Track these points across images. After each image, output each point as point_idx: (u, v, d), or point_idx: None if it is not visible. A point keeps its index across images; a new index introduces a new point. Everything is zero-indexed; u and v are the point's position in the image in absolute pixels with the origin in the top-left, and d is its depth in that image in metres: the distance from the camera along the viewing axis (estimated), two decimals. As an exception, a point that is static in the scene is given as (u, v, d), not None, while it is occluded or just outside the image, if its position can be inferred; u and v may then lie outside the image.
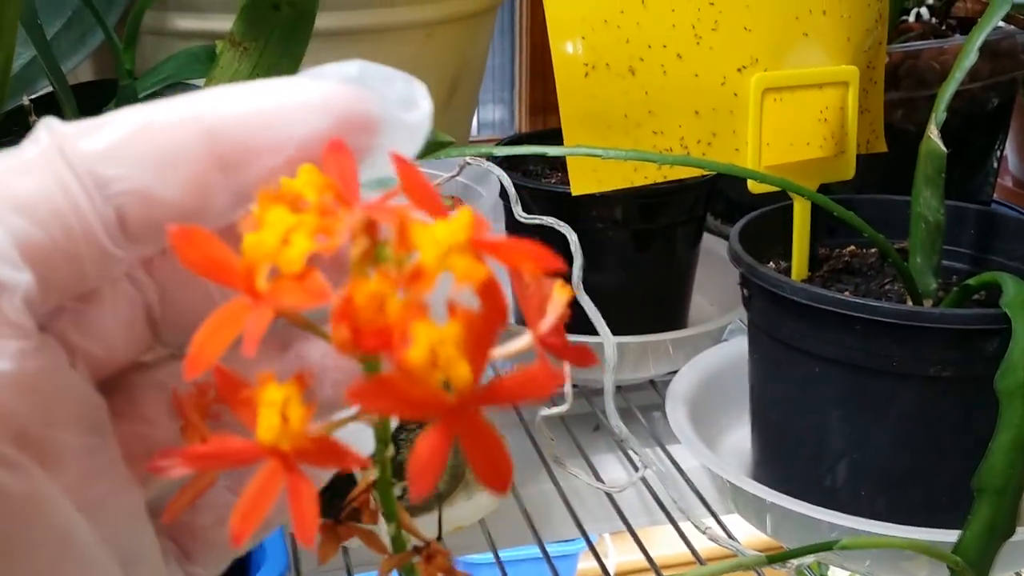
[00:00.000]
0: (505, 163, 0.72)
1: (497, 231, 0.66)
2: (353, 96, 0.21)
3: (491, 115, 1.00)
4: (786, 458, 0.54)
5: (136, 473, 0.21)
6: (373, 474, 0.22)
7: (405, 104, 0.22)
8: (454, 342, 0.17)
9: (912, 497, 0.51)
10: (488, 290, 0.18)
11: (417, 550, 0.24)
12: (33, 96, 0.53)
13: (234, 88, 0.21)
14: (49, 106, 0.50)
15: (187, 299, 0.22)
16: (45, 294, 0.19)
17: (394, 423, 0.22)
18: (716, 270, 0.73)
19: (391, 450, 0.22)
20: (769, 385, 0.54)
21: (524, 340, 0.20)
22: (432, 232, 0.18)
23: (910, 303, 0.53)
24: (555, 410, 0.51)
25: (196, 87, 0.54)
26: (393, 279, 0.18)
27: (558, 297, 0.20)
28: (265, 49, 0.36)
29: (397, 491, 0.23)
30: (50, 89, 0.56)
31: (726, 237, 0.79)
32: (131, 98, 0.42)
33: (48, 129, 0.19)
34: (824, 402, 0.51)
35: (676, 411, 0.57)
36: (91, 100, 0.53)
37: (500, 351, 0.19)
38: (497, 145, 0.72)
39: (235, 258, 0.19)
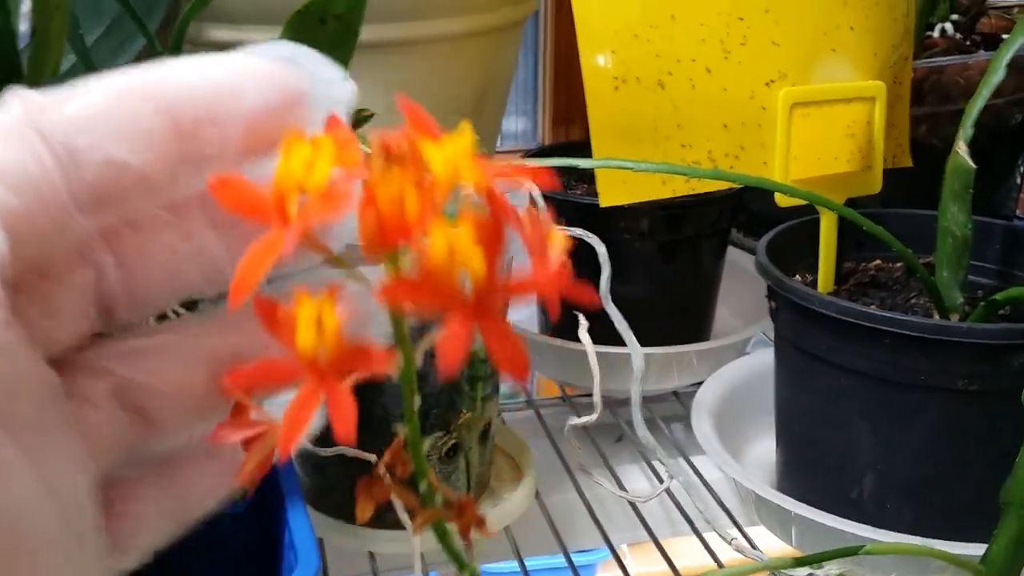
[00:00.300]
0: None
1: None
2: (292, 73, 0.22)
3: (514, 126, 1.01)
4: (811, 470, 0.54)
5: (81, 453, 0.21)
6: (404, 432, 0.24)
7: (332, 83, 0.24)
8: (468, 238, 0.19)
9: (938, 510, 0.51)
10: (493, 198, 0.20)
11: (448, 505, 0.25)
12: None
13: (189, 61, 0.22)
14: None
15: (148, 272, 0.22)
16: (15, 264, 0.19)
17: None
18: (740, 282, 0.73)
19: (418, 400, 0.23)
20: (795, 397, 0.54)
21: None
22: (440, 148, 0.20)
23: (937, 317, 0.53)
24: (583, 420, 0.51)
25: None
26: (411, 184, 0.20)
27: (556, 238, 0.22)
28: (310, 62, 0.37)
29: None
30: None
31: (749, 250, 0.80)
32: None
33: (19, 98, 0.20)
34: (850, 414, 0.51)
35: (702, 422, 0.57)
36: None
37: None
38: (526, 156, 0.73)
39: (267, 198, 0.21)
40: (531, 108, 0.98)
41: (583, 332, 0.50)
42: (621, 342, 0.57)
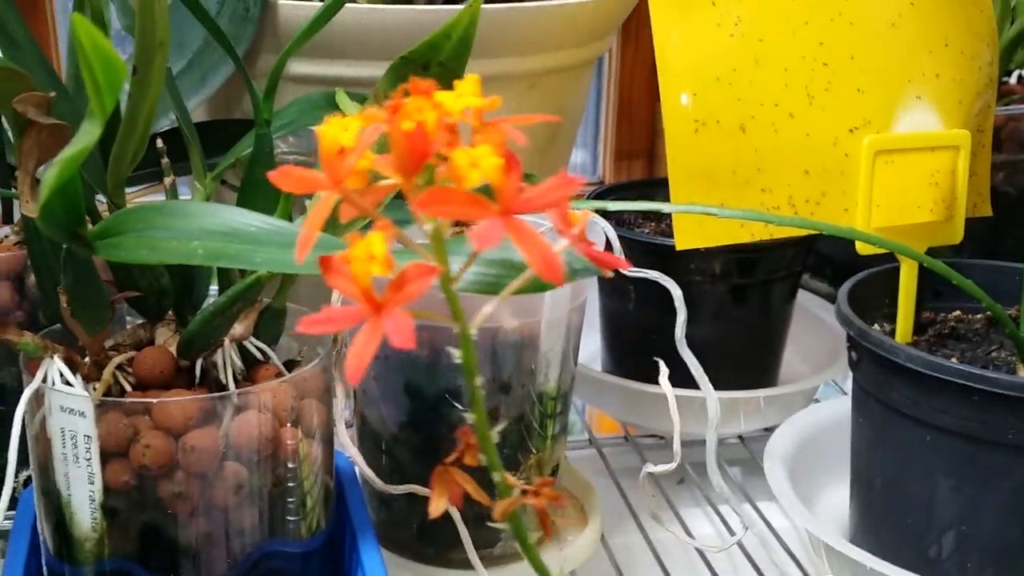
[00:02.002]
0: (596, 211, 0.72)
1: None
2: None
3: (574, 159, 1.01)
4: (889, 525, 0.53)
5: None
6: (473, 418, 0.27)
7: None
8: (487, 152, 0.23)
9: (1021, 572, 0.49)
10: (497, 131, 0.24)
11: (524, 492, 0.27)
12: (156, 133, 0.55)
13: None
14: (174, 143, 0.51)
15: None
16: None
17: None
18: (808, 326, 0.72)
19: (480, 379, 0.27)
20: (875, 450, 0.53)
21: (562, 242, 0.26)
22: (450, 93, 0.24)
23: (1022, 371, 0.52)
24: (661, 468, 0.50)
25: (315, 133, 0.55)
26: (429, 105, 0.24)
27: (582, 217, 0.26)
28: (410, 106, 0.37)
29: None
30: (169, 127, 0.58)
31: (816, 292, 0.79)
32: (268, 147, 0.43)
33: None
34: (934, 471, 0.50)
35: (775, 470, 0.56)
36: (214, 140, 0.54)
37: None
38: (591, 196, 0.73)
39: (318, 174, 0.25)
40: (591, 141, 0.98)
41: (664, 379, 0.50)
42: (688, 383, 0.57)
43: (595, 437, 0.72)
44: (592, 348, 0.75)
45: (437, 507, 0.29)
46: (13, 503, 0.52)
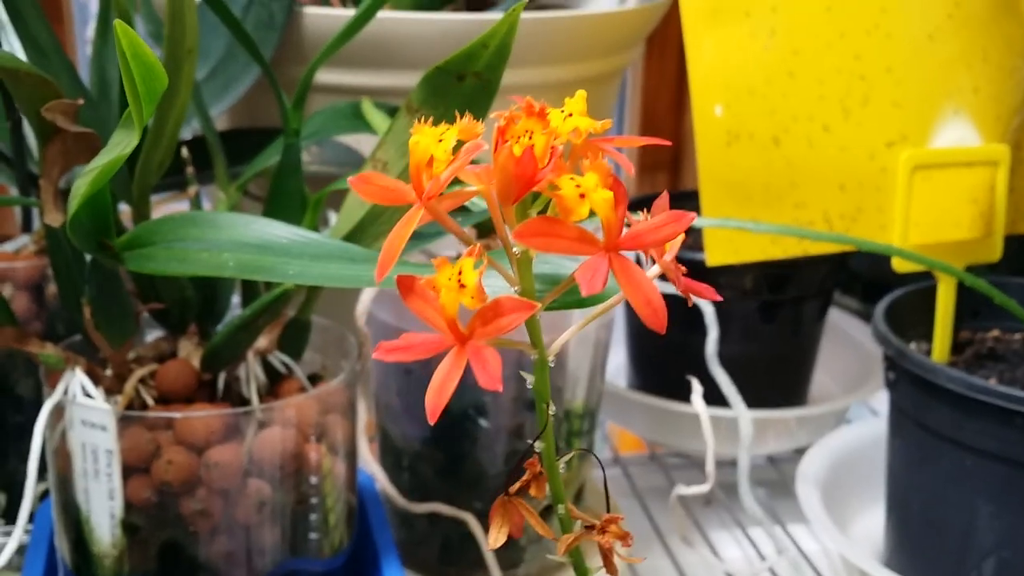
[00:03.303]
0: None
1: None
2: None
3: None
4: (926, 549, 0.52)
5: None
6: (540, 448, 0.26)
7: None
8: (596, 182, 0.21)
9: (1065, 602, 0.48)
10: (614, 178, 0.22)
11: (589, 528, 0.26)
12: (181, 142, 0.54)
13: None
14: (197, 152, 0.50)
15: None
16: None
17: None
18: (839, 344, 0.71)
19: (553, 408, 0.26)
20: (912, 474, 0.52)
21: (655, 269, 0.25)
22: (557, 111, 0.23)
23: (1064, 395, 0.51)
24: (693, 489, 0.49)
25: (340, 143, 0.54)
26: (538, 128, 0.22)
27: (677, 240, 0.25)
28: (443, 119, 0.36)
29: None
30: (191, 136, 0.57)
31: (848, 309, 0.77)
32: (296, 158, 0.42)
33: None
34: (974, 496, 0.49)
35: (808, 493, 0.55)
36: (237, 148, 0.54)
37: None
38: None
39: (402, 185, 0.24)
40: (614, 154, 0.97)
41: (697, 398, 0.48)
42: (716, 401, 0.56)
43: (620, 456, 0.70)
44: (617, 363, 0.73)
45: (496, 539, 0.28)
46: (30, 517, 0.51)
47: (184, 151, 0.46)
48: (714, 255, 0.55)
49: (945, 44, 0.55)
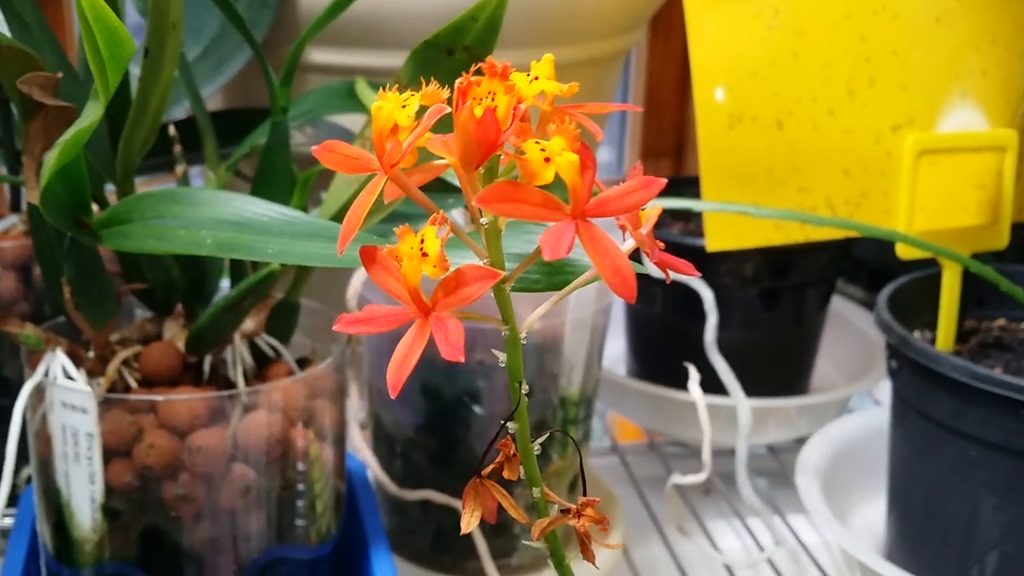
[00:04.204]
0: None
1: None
2: None
3: (599, 156, 0.98)
4: (929, 543, 0.51)
5: None
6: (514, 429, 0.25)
7: None
8: (561, 146, 0.21)
9: (1069, 597, 0.47)
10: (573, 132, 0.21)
11: (565, 512, 0.26)
12: (171, 121, 0.53)
13: None
14: (188, 132, 0.49)
15: None
16: None
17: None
18: (842, 333, 0.70)
19: (525, 387, 0.24)
20: (914, 464, 0.51)
21: (629, 243, 0.24)
22: (522, 75, 0.22)
23: (1071, 386, 0.50)
24: (689, 479, 0.48)
25: (335, 124, 0.53)
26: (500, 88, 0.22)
27: (651, 213, 0.24)
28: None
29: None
30: (184, 116, 0.56)
31: (851, 297, 0.76)
32: (284, 136, 0.41)
33: None
34: (978, 488, 0.48)
35: (807, 484, 0.54)
36: (227, 129, 0.53)
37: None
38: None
39: (361, 150, 0.23)
40: (617, 138, 0.96)
41: (694, 385, 0.47)
42: (716, 389, 0.54)
43: (618, 444, 0.70)
44: (616, 351, 0.72)
45: (468, 523, 0.27)
46: (14, 500, 0.50)
47: (172, 130, 0.45)
48: (714, 240, 0.54)
49: (953, 26, 0.54)
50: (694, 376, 0.48)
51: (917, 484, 0.51)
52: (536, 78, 0.22)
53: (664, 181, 0.22)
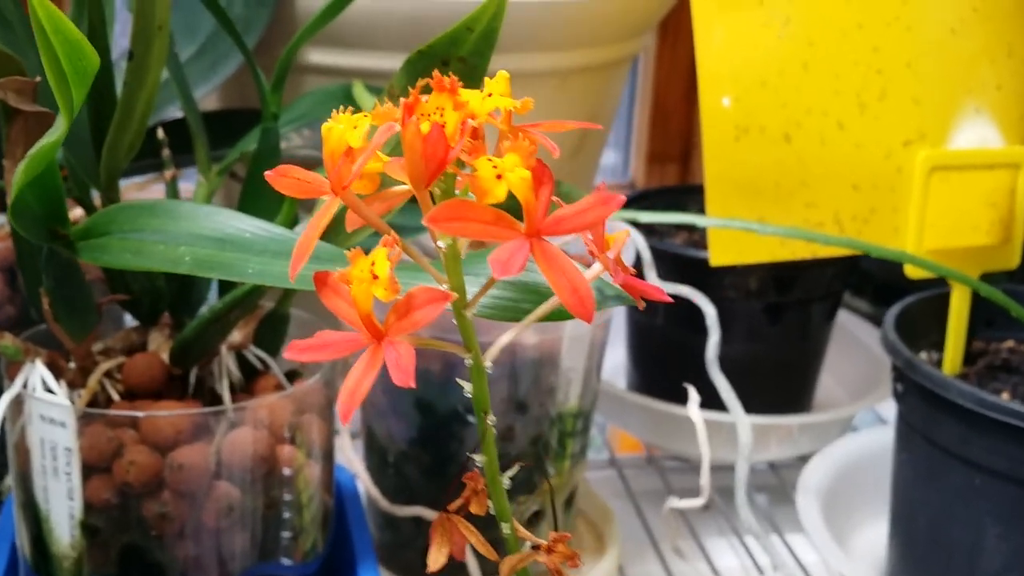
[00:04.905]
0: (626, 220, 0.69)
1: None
2: None
3: (605, 160, 0.97)
4: (931, 570, 0.49)
5: None
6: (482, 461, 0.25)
7: None
8: (515, 162, 0.20)
9: (1075, 630, 0.46)
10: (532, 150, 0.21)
11: (536, 548, 0.25)
12: (162, 122, 0.52)
13: None
14: (179, 133, 0.48)
15: None
16: None
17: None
18: (847, 349, 0.68)
19: (492, 418, 0.24)
20: (918, 490, 0.49)
21: (596, 267, 0.23)
22: (476, 92, 0.21)
23: (1081, 413, 0.48)
24: (687, 503, 0.47)
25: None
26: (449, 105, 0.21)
27: (619, 237, 0.24)
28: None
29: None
30: (177, 116, 0.55)
31: (857, 311, 0.75)
32: (274, 143, 0.40)
33: None
34: (982, 516, 0.46)
35: (808, 506, 0.52)
36: (222, 130, 0.51)
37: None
38: (628, 201, 0.69)
39: (319, 178, 0.22)
40: (623, 141, 0.94)
41: (693, 407, 0.46)
42: (717, 405, 0.53)
43: (616, 457, 0.68)
44: (616, 363, 0.71)
45: (436, 560, 0.26)
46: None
47: (160, 133, 0.44)
48: (718, 255, 0.53)
49: (968, 38, 0.53)
50: (694, 398, 0.46)
51: (920, 510, 0.49)
52: (490, 95, 0.21)
53: (623, 199, 0.21)
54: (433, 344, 0.23)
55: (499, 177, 0.20)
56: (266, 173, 0.22)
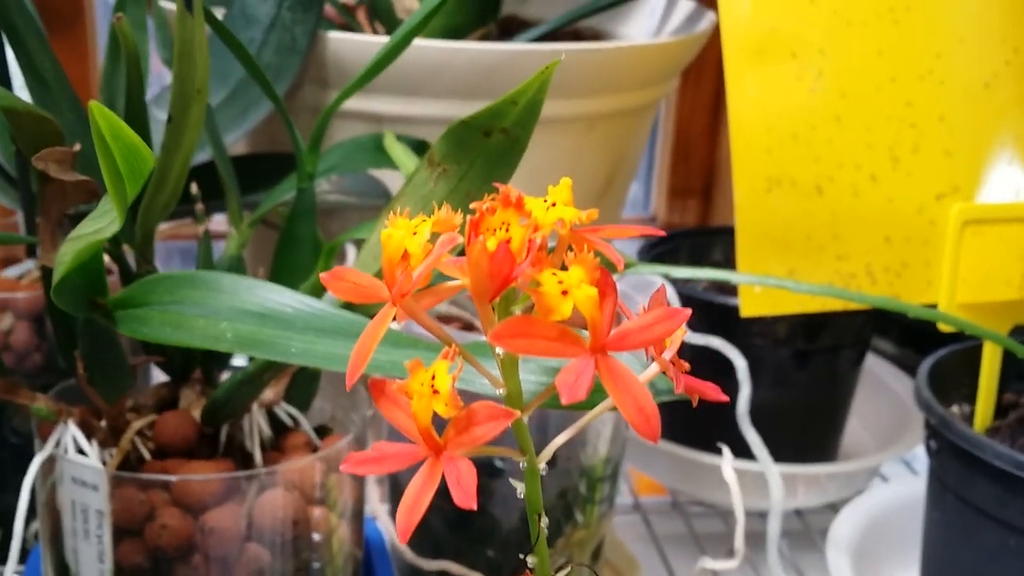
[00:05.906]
0: (647, 257, 0.68)
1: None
2: None
3: (625, 194, 0.96)
4: (964, 631, 0.49)
5: None
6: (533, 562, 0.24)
7: None
8: (580, 278, 0.20)
9: None
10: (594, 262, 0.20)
11: None
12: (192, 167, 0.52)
13: None
14: (208, 177, 0.48)
15: None
16: None
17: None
18: (874, 394, 0.68)
19: (545, 520, 0.24)
20: (951, 550, 0.49)
21: (653, 368, 0.23)
22: (539, 201, 0.21)
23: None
24: (721, 564, 0.46)
25: (362, 172, 0.52)
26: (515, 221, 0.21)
27: (679, 334, 0.23)
28: (467, 174, 0.33)
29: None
30: (207, 159, 0.54)
31: (884, 355, 0.74)
32: (310, 203, 0.40)
33: None
34: (1018, 579, 0.46)
35: (839, 562, 0.52)
36: (250, 175, 0.51)
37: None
38: (648, 247, 0.69)
39: (375, 282, 0.22)
40: (645, 175, 0.94)
41: (727, 466, 0.46)
42: (744, 453, 0.53)
43: (640, 501, 0.68)
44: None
45: None
46: (22, 557, 0.49)
47: (194, 188, 0.44)
48: (749, 306, 0.53)
49: (1001, 91, 0.52)
50: (727, 457, 0.46)
51: (952, 570, 0.49)
52: (553, 204, 0.21)
53: (687, 313, 0.21)
54: (488, 451, 0.23)
55: (564, 293, 0.19)
56: (321, 276, 0.22)
